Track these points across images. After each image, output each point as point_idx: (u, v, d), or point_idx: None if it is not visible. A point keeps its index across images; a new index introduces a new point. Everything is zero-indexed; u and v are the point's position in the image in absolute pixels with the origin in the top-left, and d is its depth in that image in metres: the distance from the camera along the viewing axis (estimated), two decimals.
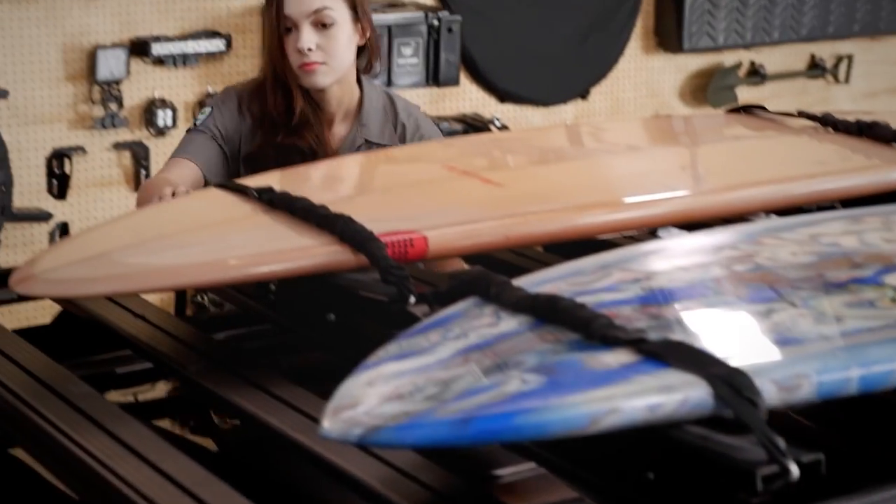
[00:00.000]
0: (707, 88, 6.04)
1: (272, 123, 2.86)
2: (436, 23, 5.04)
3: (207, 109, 2.91)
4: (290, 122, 2.85)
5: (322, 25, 2.83)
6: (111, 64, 4.78)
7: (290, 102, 2.86)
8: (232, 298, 2.44)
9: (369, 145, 2.89)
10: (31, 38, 4.71)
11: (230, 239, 2.23)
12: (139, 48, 4.83)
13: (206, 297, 4.61)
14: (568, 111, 5.78)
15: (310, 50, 2.81)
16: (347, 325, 2.22)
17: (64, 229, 4.84)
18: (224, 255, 2.13)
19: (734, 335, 1.72)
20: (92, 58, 4.76)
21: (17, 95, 4.71)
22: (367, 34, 2.90)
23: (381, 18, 4.95)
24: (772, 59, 6.21)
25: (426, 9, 5.11)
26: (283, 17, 2.82)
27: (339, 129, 2.92)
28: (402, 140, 2.92)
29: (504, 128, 5.44)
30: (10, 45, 4.68)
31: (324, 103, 2.90)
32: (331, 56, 2.84)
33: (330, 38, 2.84)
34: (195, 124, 2.90)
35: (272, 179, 2.39)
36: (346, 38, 2.86)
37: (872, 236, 2.01)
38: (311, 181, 2.47)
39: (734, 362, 1.56)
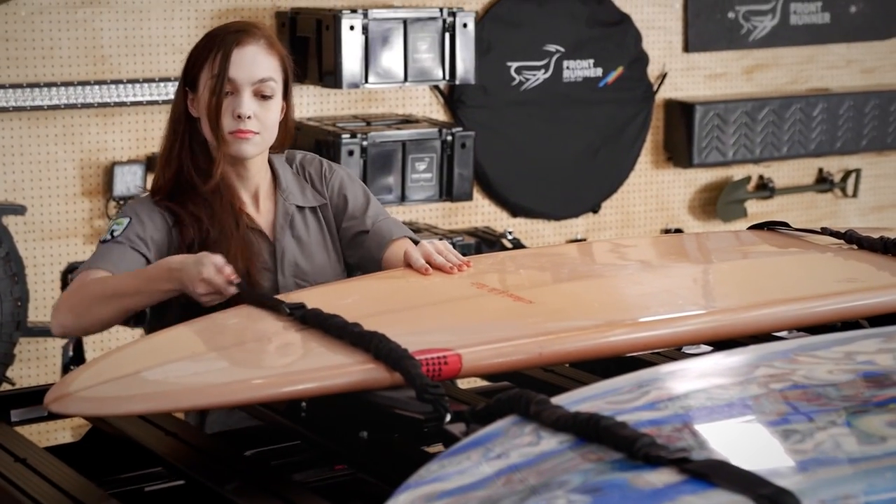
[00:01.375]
0: (716, 202, 6.09)
1: (195, 209, 2.76)
2: (449, 138, 5.09)
3: (125, 220, 2.75)
4: (209, 204, 2.75)
5: (262, 96, 2.75)
6: (127, 179, 4.82)
7: (208, 169, 2.77)
8: (262, 415, 2.43)
9: (301, 210, 2.85)
10: (50, 154, 4.75)
11: (263, 357, 2.24)
12: (155, 164, 4.87)
13: None
14: (579, 225, 5.82)
15: (248, 118, 2.73)
16: (380, 443, 2.22)
17: (78, 344, 4.83)
18: (258, 374, 2.15)
19: (778, 454, 1.72)
20: (109, 174, 4.80)
21: (34, 211, 4.74)
22: (287, 113, 2.84)
23: (396, 134, 5.00)
24: (780, 173, 6.27)
25: (440, 125, 5.16)
26: (227, 80, 2.73)
27: (267, 205, 2.85)
28: (319, 192, 2.88)
29: (516, 241, 5.47)
30: (28, 162, 4.72)
31: (244, 175, 2.81)
32: (265, 128, 2.76)
33: (267, 109, 2.76)
34: (112, 235, 2.73)
35: (304, 296, 2.40)
36: (278, 112, 2.80)
37: None
38: (342, 298, 2.48)
39: (780, 482, 1.56)
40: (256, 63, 2.75)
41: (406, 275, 2.61)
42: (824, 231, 2.90)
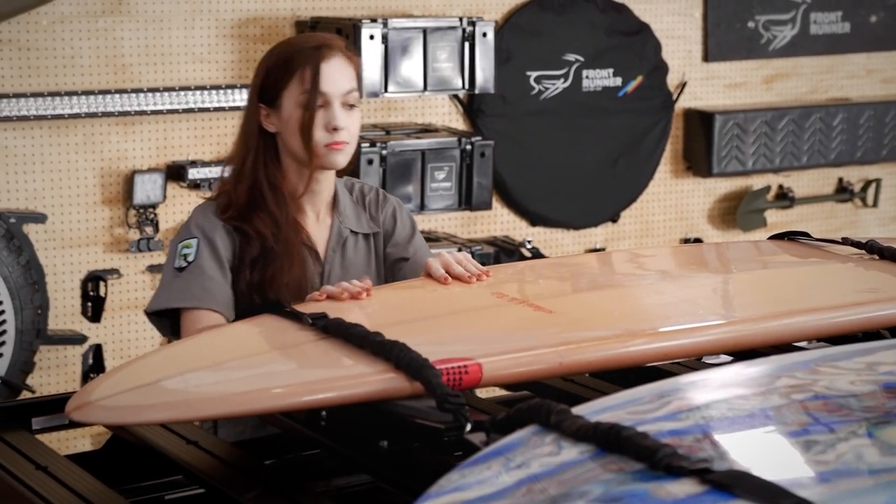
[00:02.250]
0: (736, 211, 6.07)
1: (261, 225, 2.76)
2: (468, 147, 5.09)
3: (193, 241, 2.75)
4: (280, 215, 2.77)
5: (349, 106, 2.77)
6: (148, 188, 4.83)
7: (276, 183, 2.79)
8: (282, 424, 2.44)
9: (354, 235, 2.87)
10: (70, 163, 4.77)
11: (285, 366, 2.24)
12: (176, 173, 4.89)
13: None
14: (598, 234, 5.81)
15: (343, 129, 2.75)
16: (401, 452, 2.22)
17: (98, 352, 4.86)
18: (280, 383, 2.15)
19: (799, 465, 1.71)
20: (129, 182, 4.82)
21: (54, 219, 4.76)
22: None
23: (415, 143, 5.01)
24: (800, 182, 6.25)
25: (459, 134, 5.16)
26: (319, 94, 2.75)
27: (325, 224, 2.87)
28: (375, 219, 2.90)
29: (536, 250, 5.47)
30: (49, 171, 4.74)
31: (315, 189, 2.83)
32: (353, 137, 2.79)
33: (353, 119, 2.79)
34: (186, 260, 2.72)
35: (325, 306, 2.40)
36: (360, 121, 2.83)
37: None
38: (363, 307, 2.48)
39: (801, 493, 1.56)
40: (342, 75, 2.78)
41: (426, 284, 2.61)
42: (845, 241, 2.89)
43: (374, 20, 4.90)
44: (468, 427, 2.03)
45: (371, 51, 4.86)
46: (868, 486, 1.63)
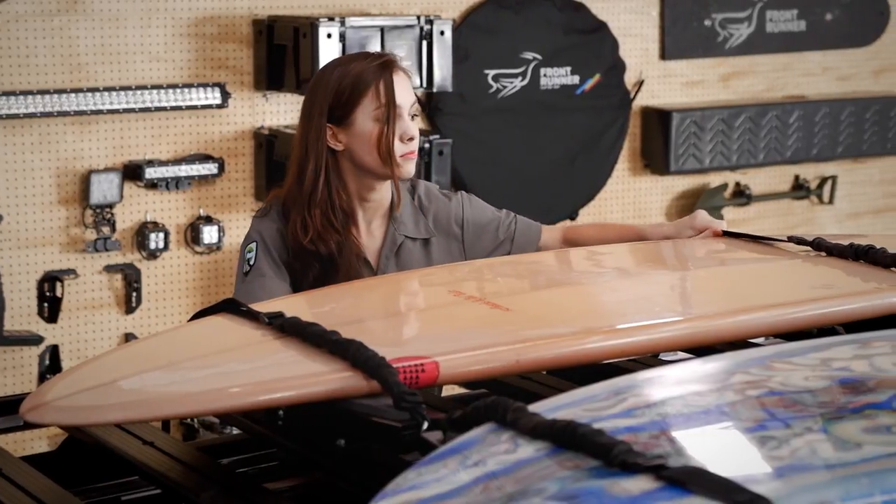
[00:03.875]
0: (693, 209, 6.08)
1: (331, 245, 2.85)
2: (427, 146, 5.09)
3: (253, 246, 2.87)
4: (340, 225, 2.85)
5: (412, 116, 2.88)
6: (104, 188, 4.81)
7: (347, 201, 2.88)
8: (239, 423, 2.43)
9: (411, 240, 2.93)
10: (26, 162, 4.74)
11: (242, 366, 2.23)
12: (132, 172, 4.87)
13: (195, 419, 4.60)
14: None
15: (415, 138, 2.86)
16: (358, 451, 2.22)
17: (54, 352, 4.83)
18: (235, 383, 2.14)
19: (754, 461, 1.72)
20: (85, 182, 4.79)
21: (10, 219, 4.73)
22: None
23: None
24: (757, 180, 6.29)
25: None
26: (395, 106, 2.84)
27: (377, 229, 2.93)
28: (443, 227, 2.96)
29: None
30: (4, 170, 4.71)
31: (371, 198, 2.91)
32: (417, 145, 2.89)
33: (416, 128, 2.90)
34: (249, 265, 2.85)
35: (283, 304, 2.40)
36: None
37: (882, 361, 2.02)
38: (320, 306, 2.48)
39: (756, 488, 1.56)
40: (407, 87, 2.88)
41: (383, 283, 2.61)
42: (791, 239, 2.90)
43: (331, 18, 4.89)
44: (425, 425, 2.03)
45: (328, 49, 4.85)
46: (823, 481, 1.63)
